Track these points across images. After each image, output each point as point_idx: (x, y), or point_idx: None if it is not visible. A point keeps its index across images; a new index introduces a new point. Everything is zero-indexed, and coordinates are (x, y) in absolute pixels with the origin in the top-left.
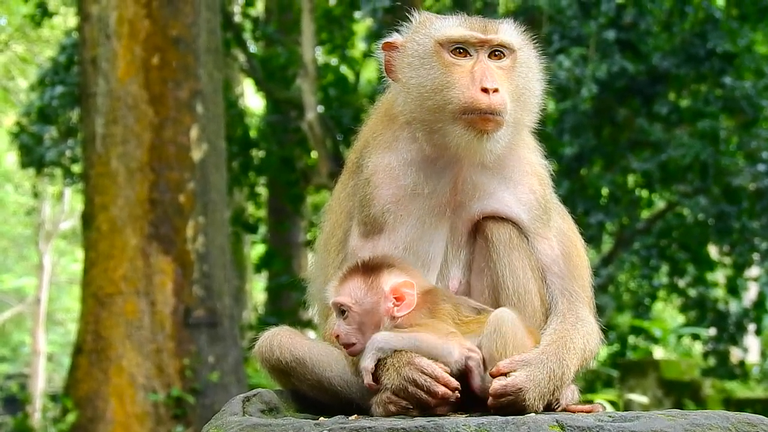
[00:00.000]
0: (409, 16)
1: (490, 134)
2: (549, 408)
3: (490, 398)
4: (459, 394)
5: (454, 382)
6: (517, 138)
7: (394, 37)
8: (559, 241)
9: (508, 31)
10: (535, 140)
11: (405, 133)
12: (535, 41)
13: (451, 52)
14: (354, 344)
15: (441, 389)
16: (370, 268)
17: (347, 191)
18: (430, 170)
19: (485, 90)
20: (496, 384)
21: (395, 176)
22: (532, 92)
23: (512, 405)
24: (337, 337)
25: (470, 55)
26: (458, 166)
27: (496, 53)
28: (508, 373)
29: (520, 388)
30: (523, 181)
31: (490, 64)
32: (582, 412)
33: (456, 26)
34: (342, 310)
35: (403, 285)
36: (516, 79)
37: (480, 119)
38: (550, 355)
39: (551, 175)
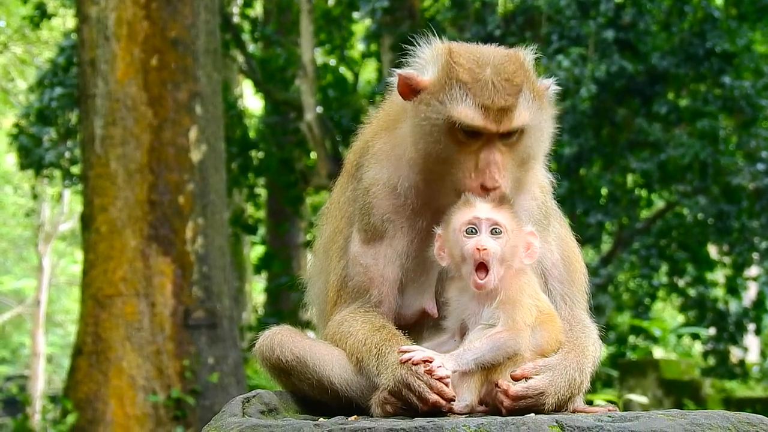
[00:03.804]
0: (424, 39)
1: None
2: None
3: (508, 400)
4: (453, 405)
5: (449, 393)
6: (519, 190)
7: (410, 73)
8: (558, 246)
9: (523, 112)
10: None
11: (405, 153)
12: (533, 41)
13: (463, 131)
14: (488, 273)
15: (433, 397)
16: (508, 204)
17: (347, 195)
18: (429, 197)
19: (485, 187)
20: (518, 386)
21: (396, 192)
22: (540, 152)
23: (531, 408)
24: (485, 250)
25: (481, 135)
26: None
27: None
28: (530, 376)
29: (542, 392)
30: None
31: (498, 147)
32: (591, 412)
33: (472, 111)
34: (498, 230)
35: (532, 234)
36: (523, 150)
37: None
38: (572, 362)
39: (553, 183)
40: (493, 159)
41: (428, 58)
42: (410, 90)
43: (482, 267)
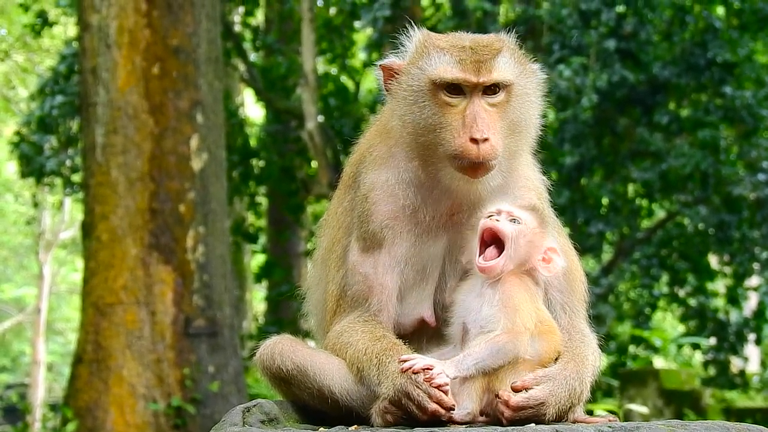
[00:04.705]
0: (406, 33)
1: (480, 178)
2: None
3: (508, 411)
4: (454, 414)
5: (449, 402)
6: (514, 164)
7: (391, 60)
8: None
9: (503, 67)
10: (534, 152)
11: (400, 150)
12: (535, 51)
13: (445, 90)
14: (500, 256)
15: (432, 406)
16: (538, 212)
17: (344, 206)
18: (427, 194)
19: (474, 140)
20: (519, 397)
21: (394, 194)
22: (529, 121)
23: (531, 419)
24: (497, 220)
25: (464, 94)
26: (455, 194)
27: (491, 88)
28: (530, 387)
29: (543, 402)
30: (522, 197)
31: (483, 105)
32: (591, 423)
33: (449, 66)
34: (516, 220)
35: (554, 251)
36: (511, 113)
37: (470, 167)
38: (572, 372)
39: (549, 189)
40: (478, 113)
41: (408, 46)
42: (393, 76)
43: (491, 239)
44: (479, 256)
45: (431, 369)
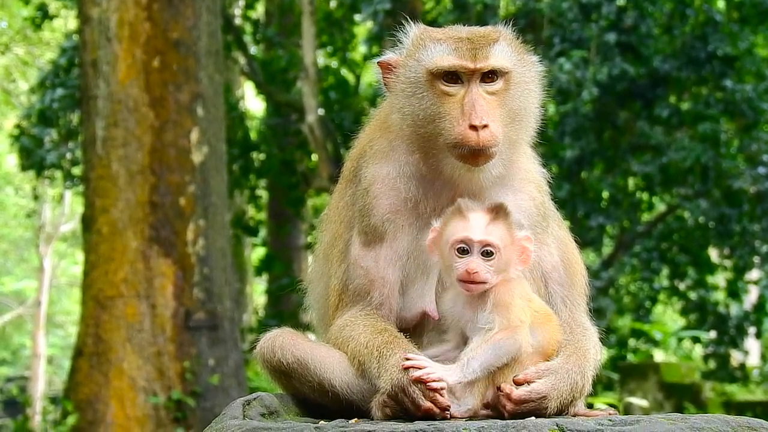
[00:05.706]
0: (403, 28)
1: (481, 165)
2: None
3: (510, 404)
4: (449, 415)
5: (444, 402)
6: (515, 154)
7: (389, 56)
8: (558, 248)
9: (500, 54)
10: (534, 146)
11: (401, 143)
12: (535, 44)
13: (443, 79)
14: (486, 282)
15: (426, 404)
16: (504, 214)
17: (345, 200)
18: (429, 187)
19: (474, 127)
20: (521, 390)
21: (395, 187)
22: (528, 111)
23: (533, 412)
24: (475, 274)
25: (462, 82)
26: (456, 185)
27: (489, 75)
28: (532, 380)
29: (545, 396)
30: (523, 189)
31: (481, 93)
32: (592, 416)
33: (446, 54)
34: (489, 251)
35: (527, 239)
36: (510, 102)
37: (470, 155)
38: (574, 366)
39: (549, 181)
40: (476, 100)
41: (405, 41)
42: (391, 72)
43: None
44: (462, 287)
45: (431, 373)
